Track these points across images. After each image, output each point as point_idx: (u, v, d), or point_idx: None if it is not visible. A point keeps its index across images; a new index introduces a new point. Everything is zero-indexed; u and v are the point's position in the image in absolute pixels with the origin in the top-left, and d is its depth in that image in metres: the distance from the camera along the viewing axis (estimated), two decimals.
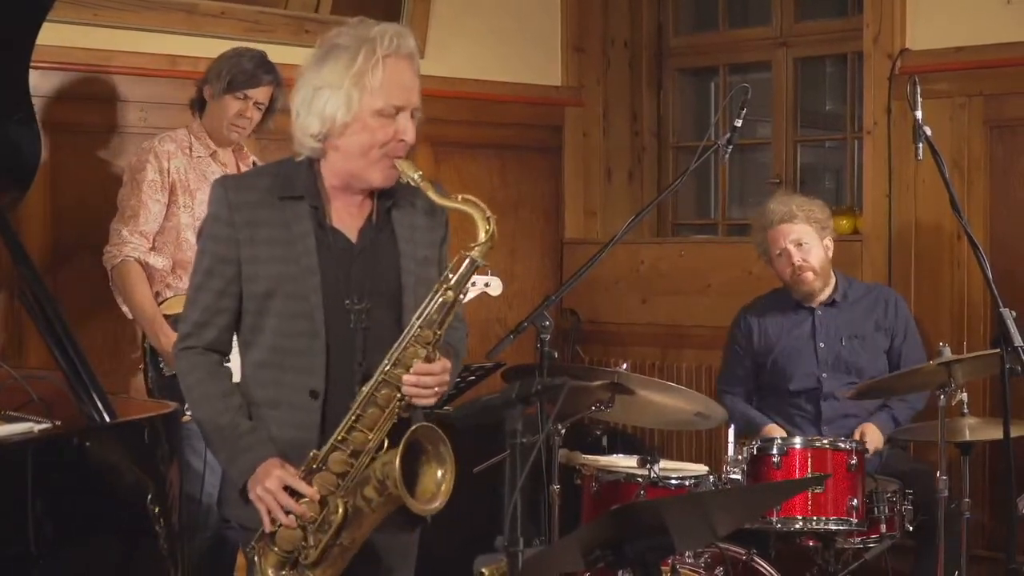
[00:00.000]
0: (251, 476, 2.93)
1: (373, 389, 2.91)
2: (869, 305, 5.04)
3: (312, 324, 2.95)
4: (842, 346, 4.95)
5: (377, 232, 3.04)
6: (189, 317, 3.05)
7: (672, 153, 6.93)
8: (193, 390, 3.04)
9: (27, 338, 4.70)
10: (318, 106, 2.94)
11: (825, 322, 4.99)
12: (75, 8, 4.84)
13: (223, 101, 4.58)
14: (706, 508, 3.07)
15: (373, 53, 2.91)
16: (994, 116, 5.41)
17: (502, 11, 6.36)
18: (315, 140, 2.97)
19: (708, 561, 4.24)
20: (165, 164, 4.54)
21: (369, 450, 2.90)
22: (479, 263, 2.94)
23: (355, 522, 2.91)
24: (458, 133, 6.13)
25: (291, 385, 2.97)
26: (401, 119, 2.95)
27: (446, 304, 2.92)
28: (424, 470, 2.92)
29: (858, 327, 4.99)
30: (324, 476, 2.91)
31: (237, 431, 2.96)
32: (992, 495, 5.31)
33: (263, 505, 2.91)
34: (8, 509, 2.99)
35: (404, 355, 2.91)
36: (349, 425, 2.90)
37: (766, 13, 6.59)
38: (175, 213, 4.55)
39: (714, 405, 4.43)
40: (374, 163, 2.97)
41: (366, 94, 2.91)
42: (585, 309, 6.48)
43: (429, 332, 2.91)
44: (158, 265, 4.52)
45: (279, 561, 2.93)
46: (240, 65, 4.56)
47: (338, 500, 2.89)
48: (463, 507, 4.05)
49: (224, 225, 3.00)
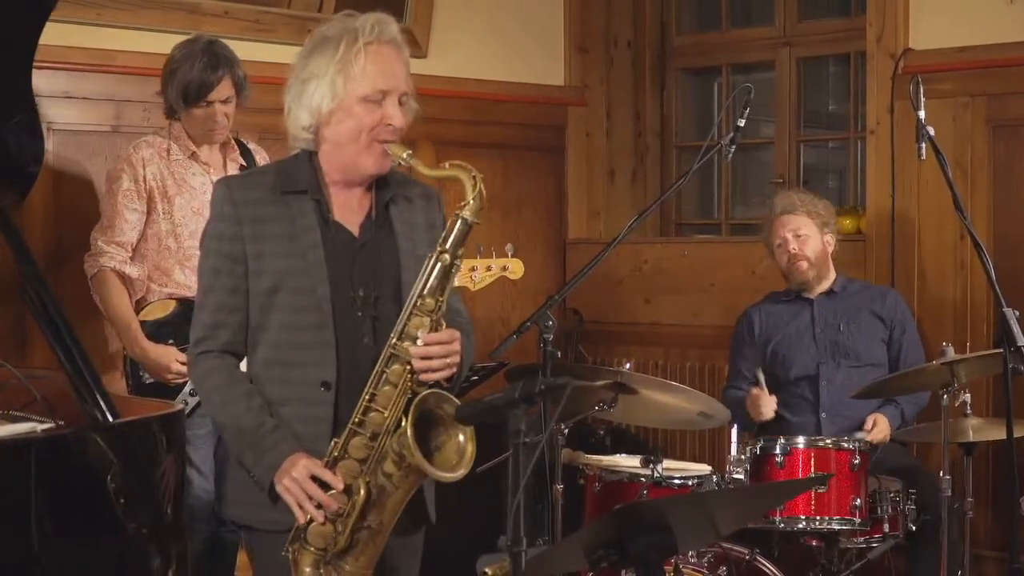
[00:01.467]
0: (277, 471, 2.92)
1: (383, 366, 2.91)
2: (867, 297, 5.13)
3: (320, 316, 2.95)
4: (839, 332, 5.03)
5: (377, 228, 3.05)
6: (201, 321, 3.04)
7: (675, 153, 6.93)
8: (213, 394, 3.02)
9: (30, 338, 4.71)
10: (306, 98, 2.96)
11: (823, 311, 5.07)
12: (77, 8, 4.85)
13: (187, 113, 4.45)
14: (709, 508, 3.07)
15: (355, 41, 2.93)
16: (997, 116, 5.41)
17: (505, 11, 6.36)
18: (307, 132, 3.00)
19: (711, 561, 4.24)
20: (141, 171, 4.46)
21: (387, 430, 2.89)
22: (471, 222, 2.94)
23: (379, 502, 2.90)
24: (461, 133, 6.13)
25: (300, 379, 2.97)
26: (388, 104, 2.97)
27: (444, 268, 2.93)
28: (444, 440, 2.92)
29: (854, 314, 5.07)
30: (347, 464, 2.91)
31: (261, 430, 2.95)
32: (995, 495, 5.31)
33: (291, 497, 2.90)
34: (11, 508, 2.99)
35: (409, 326, 2.91)
36: (364, 406, 2.90)
37: (769, 13, 6.59)
38: (155, 220, 4.48)
39: (717, 405, 4.44)
40: (364, 149, 2.98)
41: (350, 81, 2.93)
42: (588, 309, 6.48)
43: (431, 300, 2.92)
44: (134, 275, 4.46)
45: (315, 559, 2.92)
46: (188, 75, 4.37)
47: (360, 481, 2.89)
48: (466, 507, 4.06)
49: (229, 223, 3.00)
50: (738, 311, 5.27)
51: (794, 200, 5.09)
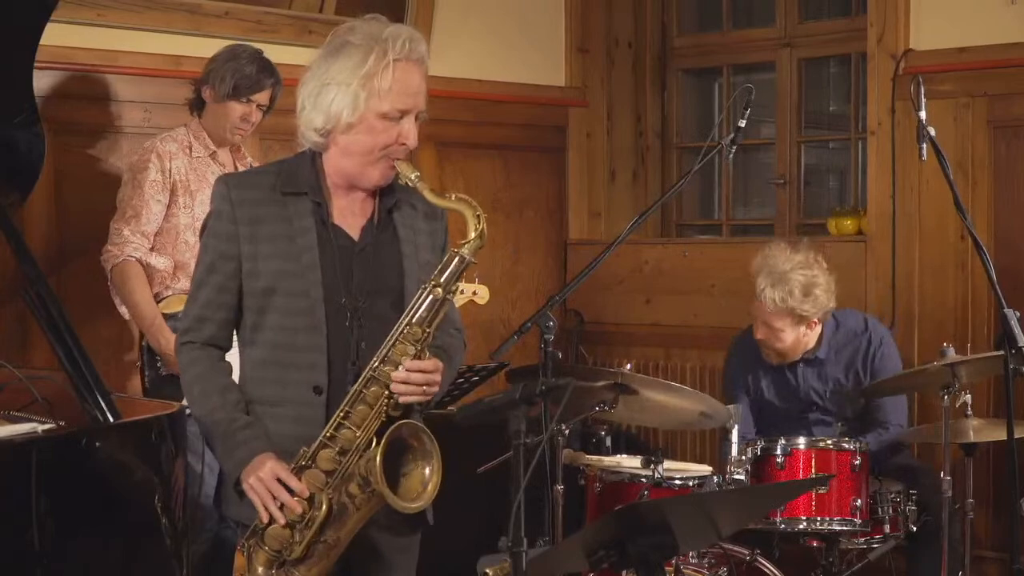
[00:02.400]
0: (245, 468, 2.93)
1: (362, 386, 2.91)
2: (850, 356, 4.86)
3: (313, 320, 2.95)
4: (823, 397, 4.89)
5: (379, 232, 3.04)
6: (190, 312, 3.06)
7: (676, 153, 6.93)
8: (192, 385, 3.04)
9: (31, 338, 4.70)
10: (324, 102, 2.94)
11: (807, 376, 4.89)
12: (79, 8, 4.85)
13: (226, 105, 4.56)
14: (710, 508, 3.08)
15: (384, 56, 2.91)
16: (998, 116, 5.41)
17: (506, 12, 6.37)
18: (318, 135, 2.99)
19: (712, 561, 4.24)
20: (167, 164, 4.52)
21: (357, 448, 2.89)
22: (468, 260, 2.93)
23: (339, 519, 2.91)
24: (462, 134, 6.14)
25: (294, 382, 2.97)
26: (405, 123, 2.96)
27: (436, 302, 2.92)
28: (411, 469, 2.92)
29: (840, 380, 4.87)
30: (312, 473, 2.91)
31: (233, 426, 2.96)
32: (995, 496, 5.31)
33: (255, 495, 2.91)
34: (12, 509, 2.99)
35: (393, 352, 2.91)
36: (337, 422, 2.91)
37: (770, 13, 6.59)
38: (175, 214, 4.54)
39: (718, 405, 4.42)
40: (374, 163, 2.98)
41: (373, 96, 2.92)
42: (589, 310, 6.48)
43: (419, 330, 2.91)
44: (159, 266, 4.51)
45: (268, 559, 2.93)
46: (242, 69, 4.53)
47: (323, 496, 2.89)
48: (467, 507, 4.06)
49: (226, 222, 3.00)
50: (739, 312, 5.24)
51: (775, 294, 4.64)
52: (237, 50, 4.61)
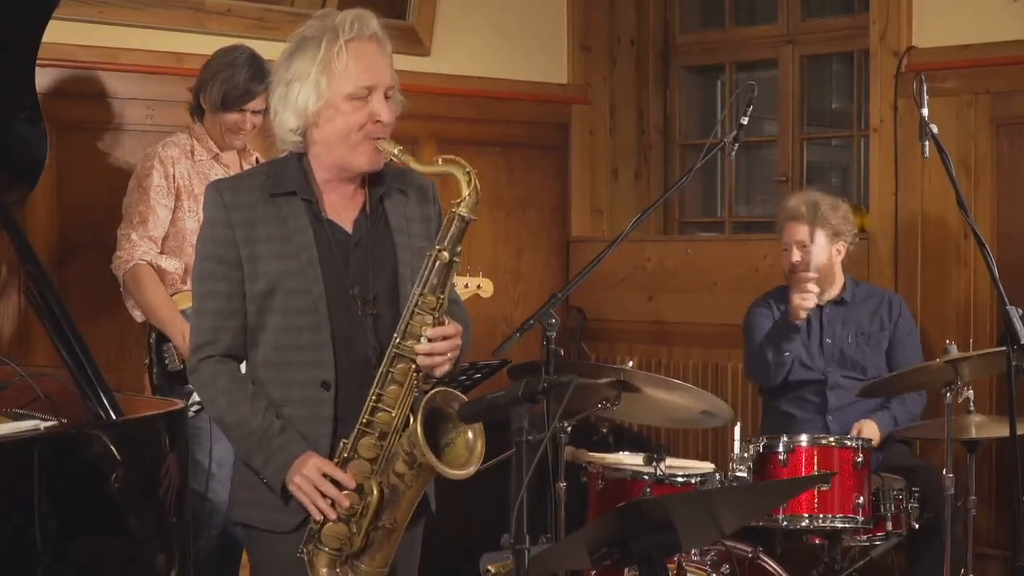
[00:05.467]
0: (288, 471, 2.92)
1: (388, 365, 2.91)
2: (874, 306, 5.05)
3: (317, 316, 2.95)
4: (848, 343, 4.97)
5: (372, 223, 3.05)
6: (200, 326, 3.03)
7: (678, 151, 6.93)
8: (219, 399, 3.00)
9: (33, 335, 4.71)
10: (291, 100, 2.96)
11: (832, 319, 5.00)
12: (80, 5, 4.85)
13: (218, 116, 4.53)
14: (712, 506, 3.07)
15: (336, 39, 2.93)
16: (1001, 114, 5.41)
17: (508, 9, 6.36)
18: (295, 135, 3.00)
19: (714, 559, 4.24)
20: (170, 170, 4.50)
21: (396, 428, 2.90)
22: (468, 218, 2.94)
23: (393, 501, 2.91)
24: (464, 131, 6.13)
25: (300, 380, 2.97)
26: (374, 100, 2.96)
27: (443, 265, 2.93)
28: (453, 436, 2.92)
29: (864, 326, 5.01)
30: (357, 464, 2.91)
31: (269, 432, 2.94)
32: (998, 493, 5.31)
33: (303, 495, 2.91)
34: (14, 506, 2.99)
35: (412, 325, 2.92)
36: (371, 406, 2.91)
37: (772, 11, 6.59)
38: (180, 218, 4.52)
39: (720, 403, 4.43)
40: (356, 147, 2.97)
41: (334, 79, 2.93)
42: (591, 307, 6.48)
43: (432, 298, 2.92)
44: (170, 268, 4.49)
45: (331, 559, 2.93)
46: (232, 80, 4.47)
47: (372, 482, 2.89)
48: (469, 505, 4.06)
49: (222, 227, 2.99)
50: (741, 310, 5.24)
51: (802, 207, 4.90)
52: (231, 57, 4.53)
